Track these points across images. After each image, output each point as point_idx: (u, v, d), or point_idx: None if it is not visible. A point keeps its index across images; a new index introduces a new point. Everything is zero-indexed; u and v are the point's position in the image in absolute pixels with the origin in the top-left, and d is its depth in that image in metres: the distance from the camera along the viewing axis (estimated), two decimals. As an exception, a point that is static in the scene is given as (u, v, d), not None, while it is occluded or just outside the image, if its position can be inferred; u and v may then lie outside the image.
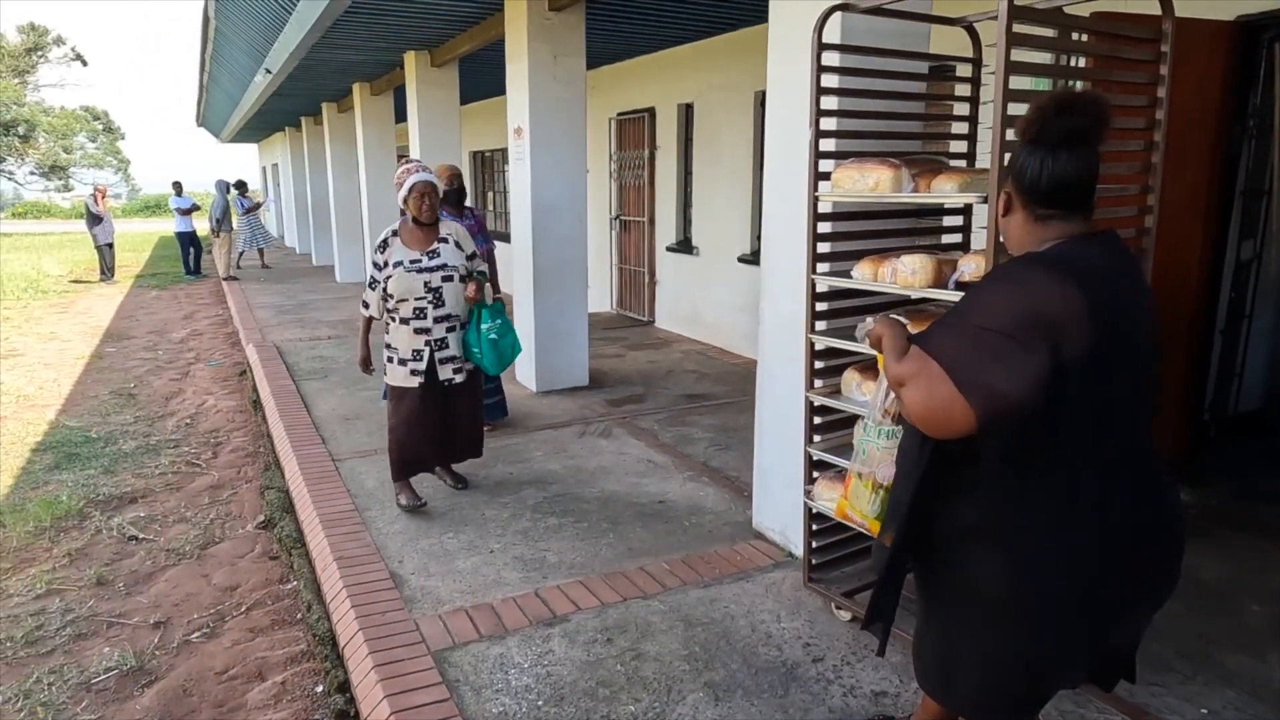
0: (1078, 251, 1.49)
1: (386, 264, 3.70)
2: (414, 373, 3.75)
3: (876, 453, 2.04)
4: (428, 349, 3.73)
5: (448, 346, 3.77)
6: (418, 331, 3.71)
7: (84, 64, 39.91)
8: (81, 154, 44.04)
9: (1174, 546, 1.58)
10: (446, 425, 3.91)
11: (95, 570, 3.67)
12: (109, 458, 5.18)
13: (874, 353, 1.82)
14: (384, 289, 3.72)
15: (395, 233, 3.75)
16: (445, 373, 3.80)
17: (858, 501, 2.11)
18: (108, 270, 14.68)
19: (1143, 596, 1.56)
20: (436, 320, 3.73)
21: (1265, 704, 2.43)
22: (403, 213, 3.80)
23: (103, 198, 14.38)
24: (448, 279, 3.72)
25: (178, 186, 15.01)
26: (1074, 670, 1.56)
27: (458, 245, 3.80)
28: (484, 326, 3.77)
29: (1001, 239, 1.71)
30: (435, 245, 3.73)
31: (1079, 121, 1.48)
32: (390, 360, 3.79)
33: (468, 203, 4.92)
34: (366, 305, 3.83)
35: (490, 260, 4.71)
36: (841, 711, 2.42)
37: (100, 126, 45.40)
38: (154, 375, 7.57)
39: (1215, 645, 2.70)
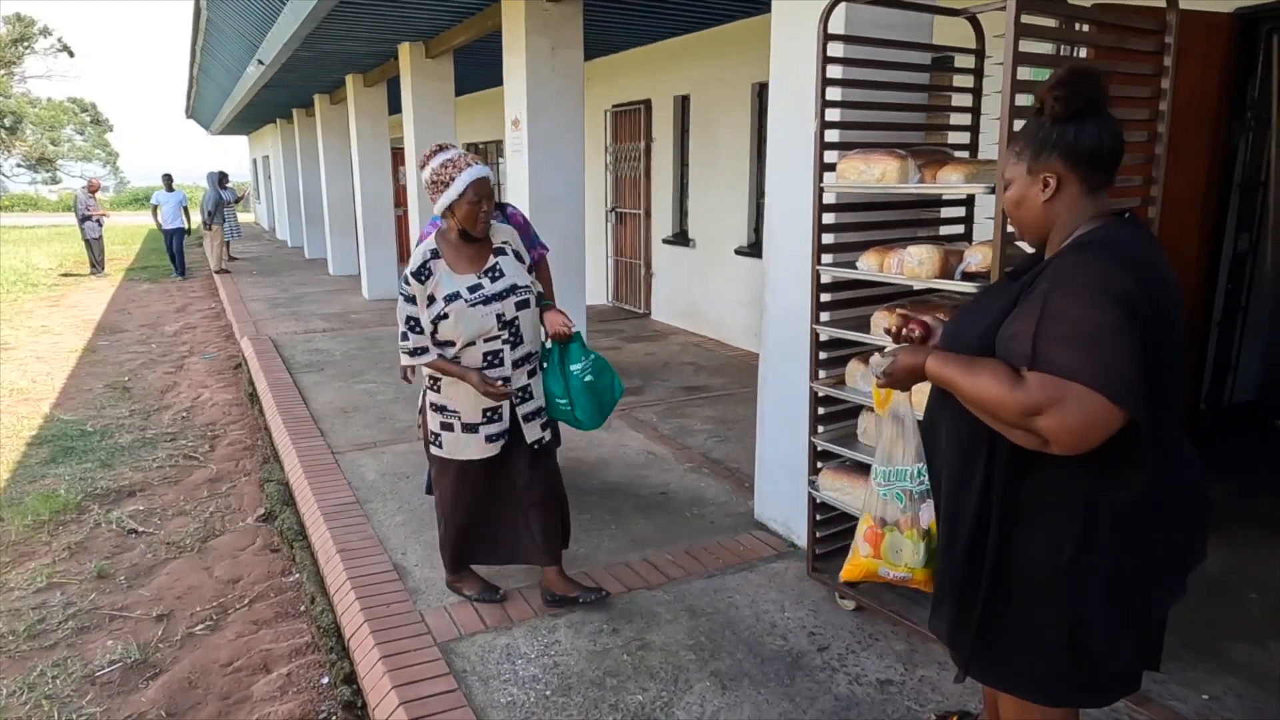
0: (1119, 235, 1.51)
1: (434, 299, 2.64)
2: (491, 438, 2.76)
3: (915, 496, 1.87)
4: (507, 403, 2.78)
5: (532, 397, 2.82)
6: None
7: (71, 55, 39.59)
8: (69, 146, 43.70)
9: (1201, 520, 1.60)
10: (531, 503, 2.89)
11: (96, 564, 3.66)
12: (106, 451, 5.16)
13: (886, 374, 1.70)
14: (433, 334, 2.68)
15: (436, 253, 2.68)
16: (534, 432, 2.83)
17: (900, 557, 1.92)
18: (97, 264, 14.58)
19: (1172, 569, 1.58)
20: (516, 364, 2.75)
21: (1266, 691, 2.46)
22: (436, 219, 2.87)
23: (95, 191, 14.25)
24: (523, 305, 2.73)
25: (168, 180, 14.84)
26: (1121, 654, 1.56)
27: (517, 255, 2.83)
28: (574, 368, 2.80)
29: (1012, 227, 1.70)
30: (494, 261, 2.73)
31: (1102, 85, 1.51)
32: (446, 429, 2.77)
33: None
34: (419, 352, 2.69)
35: (545, 271, 3.59)
36: (848, 699, 2.44)
37: (88, 119, 45.09)
38: (148, 369, 7.53)
39: (1217, 634, 2.73)
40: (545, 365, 2.88)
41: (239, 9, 7.74)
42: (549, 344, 2.90)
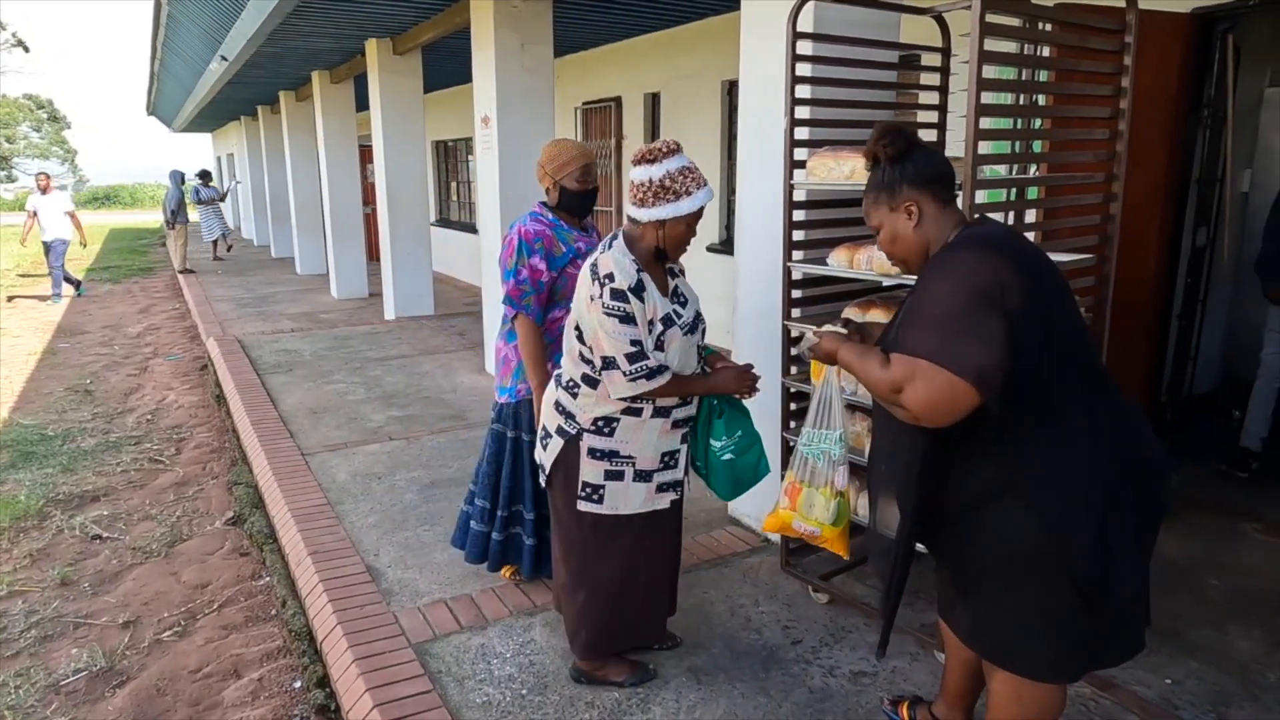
0: (976, 228, 1.72)
1: (654, 322, 2.17)
2: (662, 488, 2.35)
3: (834, 459, 2.12)
4: (684, 447, 2.39)
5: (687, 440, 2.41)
6: (677, 424, 2.31)
7: (26, 50, 38.56)
8: (25, 144, 42.63)
9: (1160, 473, 1.68)
10: (675, 561, 2.58)
11: (59, 570, 3.58)
12: (67, 456, 5.05)
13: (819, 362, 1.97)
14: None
15: (639, 266, 2.19)
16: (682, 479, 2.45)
17: (812, 511, 2.16)
18: (57, 264, 14.21)
19: (1145, 522, 1.66)
20: (686, 402, 2.34)
21: (1226, 674, 2.53)
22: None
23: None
24: (703, 336, 2.38)
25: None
26: (1128, 602, 1.64)
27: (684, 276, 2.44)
28: (714, 443, 2.35)
29: (897, 259, 1.85)
30: (673, 284, 2.33)
31: (911, 132, 1.80)
32: (614, 479, 2.29)
33: None
34: (660, 372, 2.15)
35: None
36: (822, 692, 2.46)
37: (45, 115, 44.00)
38: (111, 371, 7.38)
39: (1179, 619, 2.80)
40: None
41: (201, 4, 7.60)
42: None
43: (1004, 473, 1.63)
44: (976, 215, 1.81)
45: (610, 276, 2.12)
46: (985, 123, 2.24)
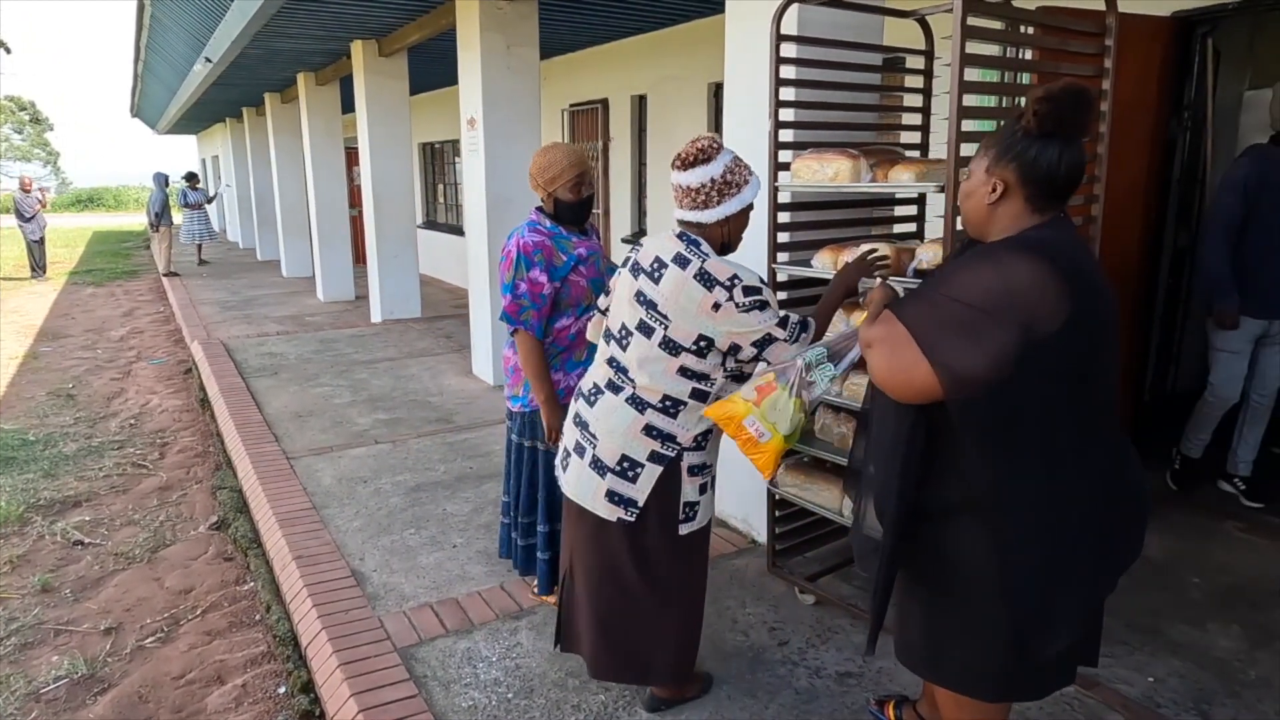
0: (1050, 236, 1.54)
1: None
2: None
3: (822, 383, 1.98)
4: None
5: None
6: None
7: (8, 52, 38.18)
8: (7, 146, 42.24)
9: (1139, 517, 1.65)
10: None
11: (39, 577, 3.54)
12: (49, 461, 5.00)
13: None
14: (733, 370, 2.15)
15: None
16: None
17: (773, 414, 1.97)
18: (39, 267, 14.11)
19: (1108, 567, 1.61)
20: None
21: (1206, 671, 2.55)
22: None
23: (29, 190, 13.76)
24: None
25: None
26: (1058, 642, 1.57)
27: None
28: None
29: (962, 224, 1.74)
30: None
31: (1090, 116, 1.52)
32: (705, 491, 2.25)
33: None
34: (804, 323, 2.11)
35: None
36: (808, 692, 2.46)
37: (27, 117, 43.61)
38: (93, 375, 7.31)
39: (1160, 617, 2.82)
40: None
41: (184, 5, 7.55)
42: None
43: (975, 491, 1.57)
44: (1060, 213, 1.59)
45: (734, 278, 2.03)
46: (968, 125, 2.25)
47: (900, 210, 3.23)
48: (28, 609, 3.32)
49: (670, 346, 2.07)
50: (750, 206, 2.16)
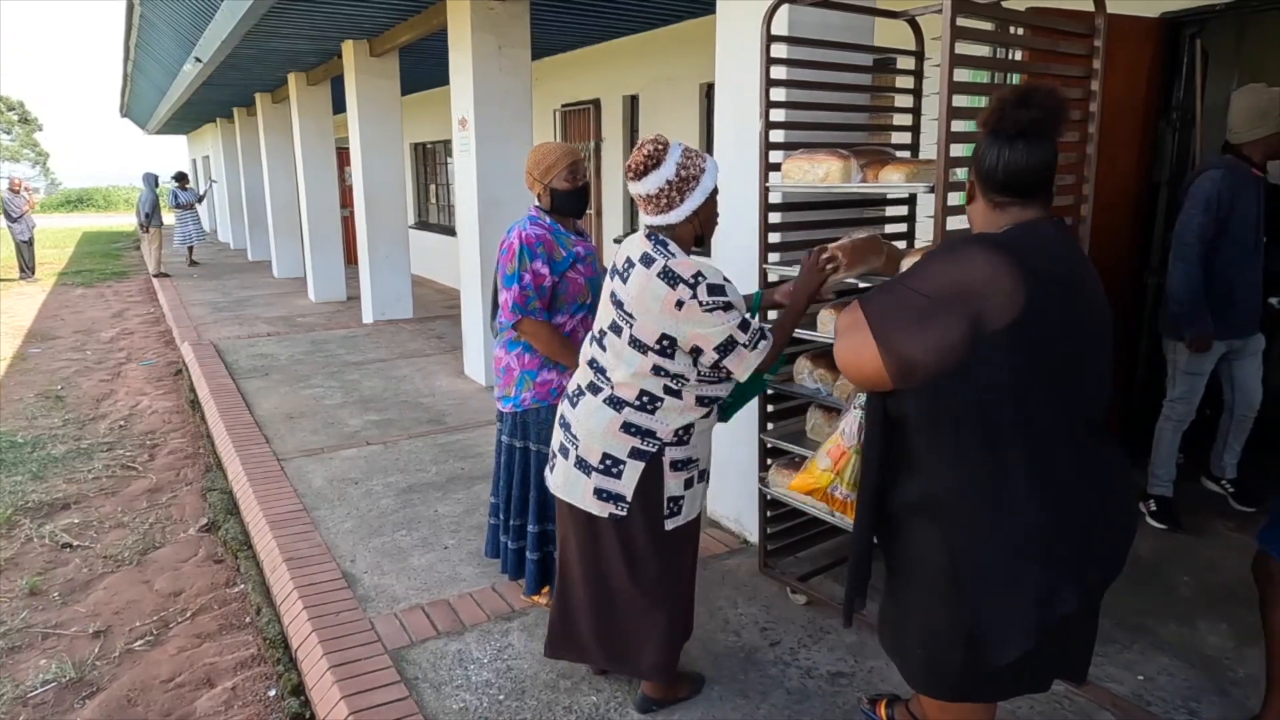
0: (1026, 233, 1.55)
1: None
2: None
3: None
4: None
5: None
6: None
7: (-4, 51, 37.97)
8: (-5, 146, 42.00)
9: (1119, 537, 1.61)
10: None
11: (27, 580, 3.52)
12: (37, 463, 4.96)
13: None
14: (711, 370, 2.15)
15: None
16: None
17: (854, 476, 1.94)
18: (27, 268, 14.02)
19: (1072, 581, 1.54)
20: None
21: (1196, 669, 2.56)
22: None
23: (18, 190, 13.68)
24: None
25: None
26: (1008, 648, 1.53)
27: None
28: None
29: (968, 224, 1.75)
30: None
31: (1035, 113, 1.52)
32: (689, 486, 2.24)
33: None
34: (762, 332, 2.10)
35: None
36: (800, 692, 2.47)
37: (15, 117, 43.36)
38: (83, 376, 7.27)
39: (1150, 616, 2.83)
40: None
41: (174, 5, 7.51)
42: None
43: (930, 490, 1.57)
44: (1049, 215, 1.61)
45: (699, 275, 2.02)
46: (958, 125, 2.26)
47: (891, 210, 3.23)
48: (15, 612, 3.29)
49: (638, 345, 2.09)
50: (715, 191, 2.15)
